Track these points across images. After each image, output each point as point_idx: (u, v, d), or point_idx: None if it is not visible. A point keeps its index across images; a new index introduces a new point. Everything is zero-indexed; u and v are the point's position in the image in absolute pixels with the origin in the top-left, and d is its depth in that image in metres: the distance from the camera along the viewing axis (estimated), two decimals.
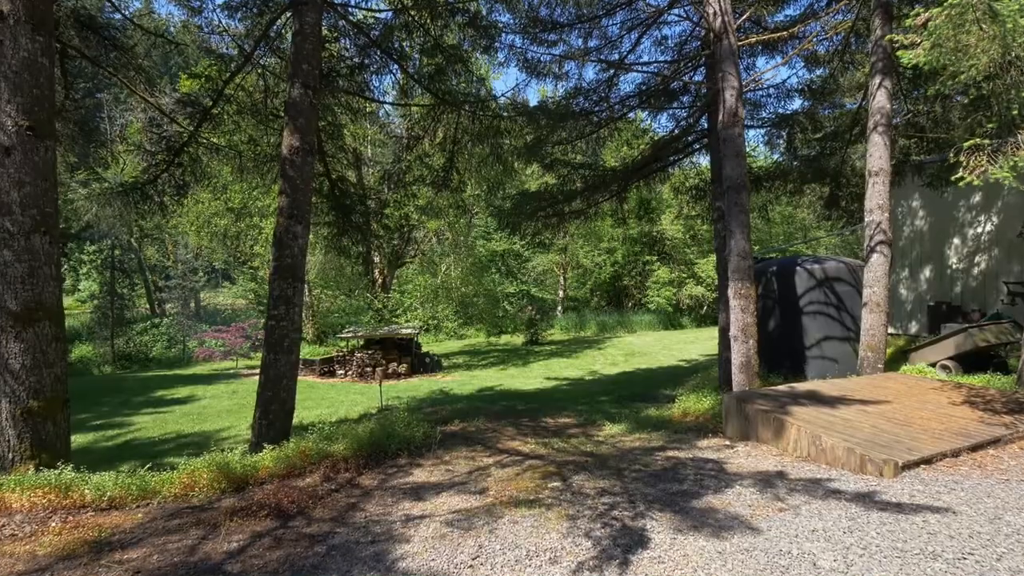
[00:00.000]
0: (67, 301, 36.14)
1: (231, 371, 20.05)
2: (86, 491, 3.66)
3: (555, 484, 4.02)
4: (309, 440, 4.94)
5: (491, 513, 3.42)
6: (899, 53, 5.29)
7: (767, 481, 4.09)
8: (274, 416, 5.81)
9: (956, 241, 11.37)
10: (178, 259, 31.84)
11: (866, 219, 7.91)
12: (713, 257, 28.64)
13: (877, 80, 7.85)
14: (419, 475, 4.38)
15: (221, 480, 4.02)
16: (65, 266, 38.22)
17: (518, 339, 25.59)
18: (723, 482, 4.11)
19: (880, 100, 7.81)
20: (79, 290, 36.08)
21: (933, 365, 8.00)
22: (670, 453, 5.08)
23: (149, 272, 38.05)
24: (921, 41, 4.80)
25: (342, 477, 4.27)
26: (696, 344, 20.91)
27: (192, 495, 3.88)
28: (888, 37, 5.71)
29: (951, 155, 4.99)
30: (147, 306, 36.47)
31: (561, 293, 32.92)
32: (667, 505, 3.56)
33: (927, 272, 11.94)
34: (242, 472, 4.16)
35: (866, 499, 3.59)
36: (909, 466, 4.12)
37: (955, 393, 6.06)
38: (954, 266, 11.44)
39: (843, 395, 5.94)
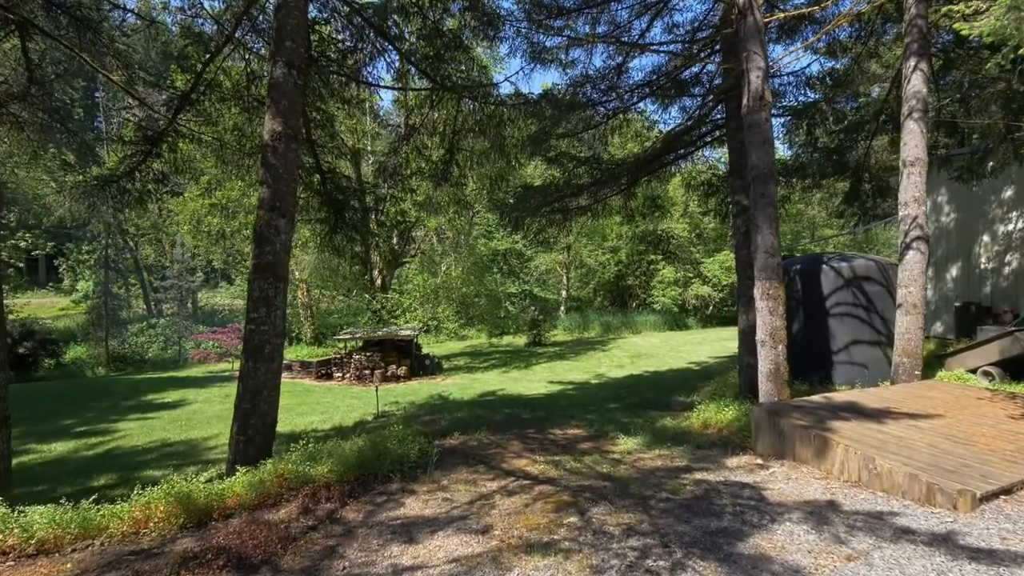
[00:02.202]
0: (63, 302, 35.82)
1: (226, 373, 19.50)
2: (15, 531, 3.07)
3: (571, 519, 3.41)
4: (288, 462, 4.34)
5: (497, 563, 2.82)
6: (957, 26, 4.70)
7: (820, 515, 3.49)
8: (253, 431, 5.21)
9: (986, 238, 10.74)
10: (175, 259, 31.30)
11: (900, 213, 7.30)
12: (720, 256, 28.38)
13: (912, 63, 7.23)
14: (412, 506, 3.77)
15: (180, 514, 3.43)
16: (63, 266, 37.81)
17: (520, 340, 25.01)
18: (767, 515, 3.51)
19: (915, 84, 7.20)
20: (76, 290, 35.63)
21: (973, 371, 7.39)
22: (698, 476, 4.47)
23: (146, 272, 37.57)
24: (987, 7, 4.21)
25: (323, 508, 3.67)
26: (704, 346, 20.29)
27: (144, 533, 3.29)
28: (946, 8, 5.08)
29: None
30: (143, 307, 36.00)
31: (564, 293, 32.31)
32: (709, 550, 2.96)
33: (954, 271, 11.32)
34: (206, 503, 3.57)
35: (947, 542, 2.98)
36: (987, 497, 3.51)
37: (1011, 405, 5.45)
38: (983, 265, 10.82)
39: (887, 407, 5.33)
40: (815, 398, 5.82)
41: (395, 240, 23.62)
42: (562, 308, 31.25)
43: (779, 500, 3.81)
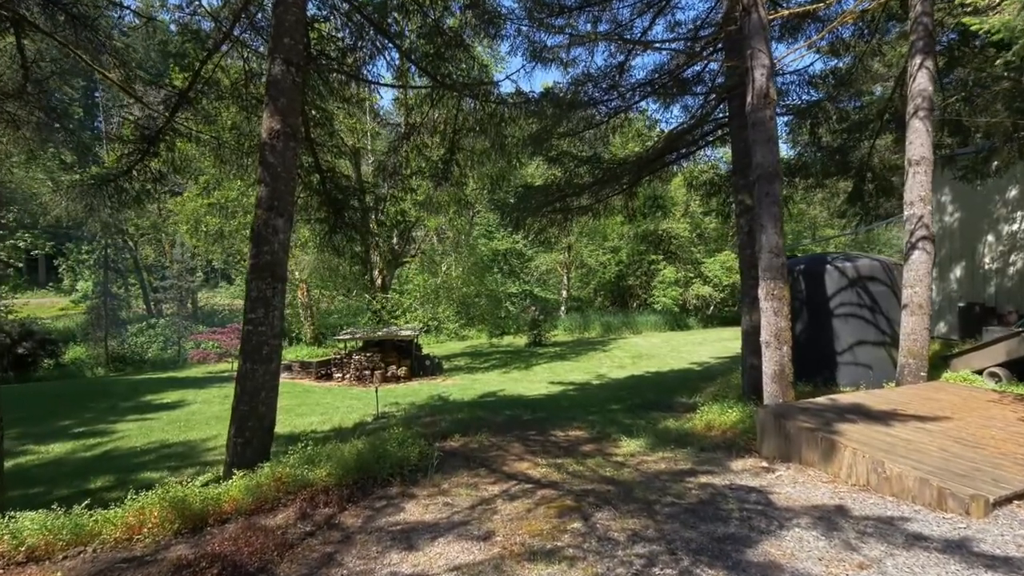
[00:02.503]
0: (63, 302, 35.76)
1: (226, 373, 19.43)
2: (4, 537, 3.00)
3: (575, 525, 3.34)
4: (286, 465, 4.27)
5: (500, 571, 2.74)
6: (966, 20, 4.63)
7: (829, 520, 3.41)
8: (251, 434, 5.13)
9: (990, 238, 10.65)
10: (174, 259, 31.23)
11: (906, 212, 7.22)
12: (720, 256, 28.32)
13: (918, 60, 7.15)
14: (412, 510, 3.70)
15: (175, 519, 3.35)
16: (63, 266, 37.78)
17: (521, 340, 24.93)
18: (775, 521, 3.43)
19: (921, 82, 7.12)
20: (76, 290, 35.59)
21: (979, 372, 7.31)
22: (703, 479, 4.40)
23: (145, 272, 37.51)
24: (999, 2, 4.13)
25: (321, 513, 3.59)
26: (705, 346, 20.22)
27: (137, 539, 3.21)
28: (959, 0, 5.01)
29: None
30: (143, 307, 35.95)
31: (565, 293, 32.24)
32: (716, 558, 2.88)
33: (958, 271, 11.23)
34: (201, 508, 3.49)
35: (962, 549, 2.90)
36: (1001, 503, 3.43)
37: (1020, 407, 5.37)
38: (987, 265, 10.73)
39: (894, 409, 5.25)
40: (821, 400, 5.75)
41: (395, 240, 23.55)
42: (563, 308, 31.18)
43: (787, 505, 3.74)
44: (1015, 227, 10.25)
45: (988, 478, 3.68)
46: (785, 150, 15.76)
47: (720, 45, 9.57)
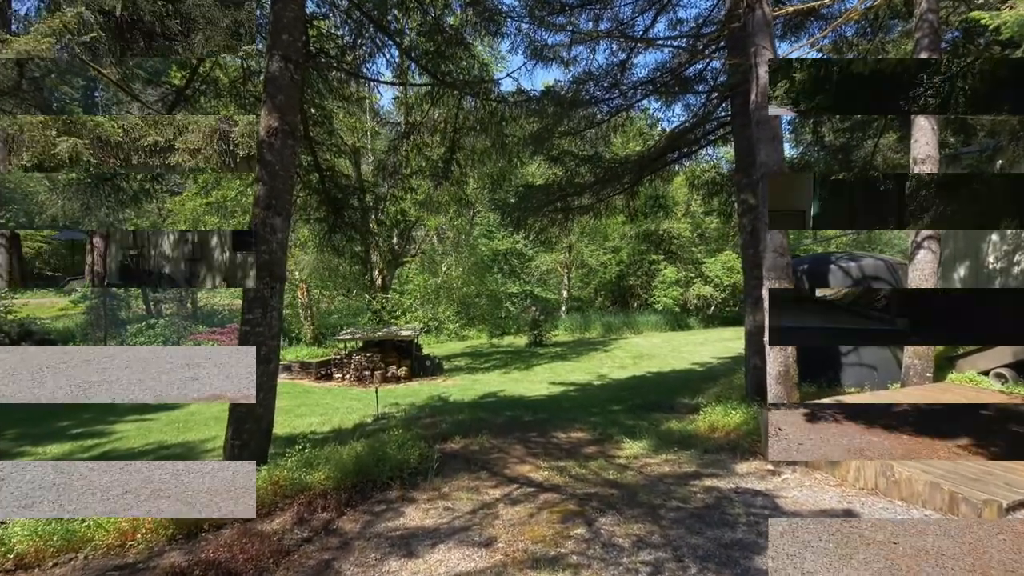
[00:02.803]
0: (63, 302, 35.69)
1: None
2: None
3: (579, 531, 3.26)
4: (284, 468, 4.19)
5: None
6: (976, 14, 4.56)
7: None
8: (249, 436, 5.06)
9: (994, 237, 10.58)
10: None
11: None
12: (721, 256, 28.24)
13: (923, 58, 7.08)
14: (412, 515, 3.62)
15: (169, 524, 3.28)
16: None
17: (521, 340, 24.84)
18: None
19: None
20: (76, 290, 35.48)
21: (985, 373, 7.23)
22: (708, 482, 4.32)
23: None
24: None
25: (319, 519, 3.52)
26: (706, 346, 20.13)
27: (130, 545, 3.14)
28: None
29: None
30: (143, 307, 35.86)
31: (565, 293, 32.16)
32: (724, 564, 2.80)
33: (962, 271, 11.16)
34: None
35: None
36: (1014, 507, 3.36)
37: None
38: (991, 265, 10.66)
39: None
40: (826, 401, 5.67)
41: (395, 240, 23.47)
42: (563, 308, 31.10)
43: (794, 509, 3.66)
44: None
45: (1000, 482, 3.60)
46: (787, 149, 15.70)
47: (723, 43, 9.49)
